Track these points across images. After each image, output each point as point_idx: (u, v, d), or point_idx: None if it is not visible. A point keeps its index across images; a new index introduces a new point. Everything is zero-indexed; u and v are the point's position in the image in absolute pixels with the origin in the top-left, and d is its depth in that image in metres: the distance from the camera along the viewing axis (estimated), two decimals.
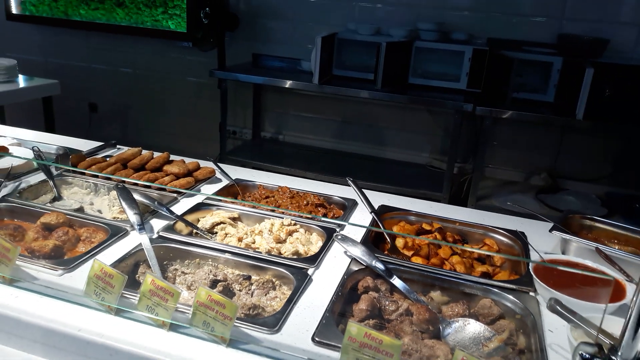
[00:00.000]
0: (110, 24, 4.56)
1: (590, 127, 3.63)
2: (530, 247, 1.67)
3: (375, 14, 4.04)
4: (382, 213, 1.93)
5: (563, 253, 1.65)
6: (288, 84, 3.86)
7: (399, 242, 1.80)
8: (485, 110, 3.40)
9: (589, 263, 1.48)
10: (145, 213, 1.80)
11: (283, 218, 1.81)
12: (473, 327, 1.34)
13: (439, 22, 3.80)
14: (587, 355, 0.92)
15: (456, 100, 3.51)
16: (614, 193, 3.79)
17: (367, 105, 4.20)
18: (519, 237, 1.75)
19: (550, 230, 1.64)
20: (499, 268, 1.67)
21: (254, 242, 1.71)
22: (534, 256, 1.60)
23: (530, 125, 3.87)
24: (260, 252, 1.62)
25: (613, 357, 0.90)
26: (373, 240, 1.79)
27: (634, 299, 0.88)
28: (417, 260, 1.66)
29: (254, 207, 1.92)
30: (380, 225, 1.81)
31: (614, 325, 1.14)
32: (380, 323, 1.38)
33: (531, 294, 1.44)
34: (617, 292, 1.35)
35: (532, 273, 1.44)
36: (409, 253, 1.73)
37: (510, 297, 1.43)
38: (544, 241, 1.71)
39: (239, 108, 4.60)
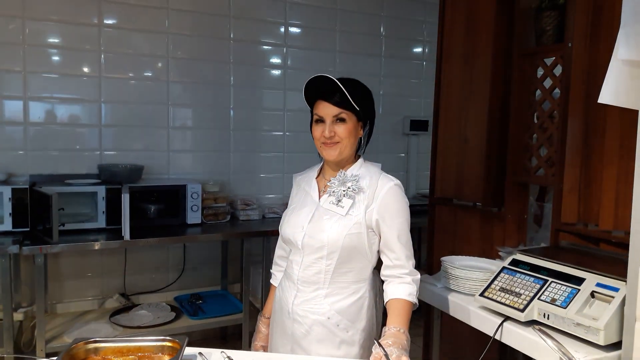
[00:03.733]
0: None
1: (151, 244, 3.99)
2: None
3: None
4: None
5: None
6: None
7: None
8: (35, 248, 3.31)
9: None
10: None
11: None
12: None
13: None
14: None
15: (1, 243, 3.30)
16: (181, 296, 4.24)
17: None
18: None
19: None
20: None
21: None
22: None
23: (91, 252, 3.99)
24: None
25: None
26: None
27: None
28: None
29: None
30: None
31: None
32: None
33: None
34: None
35: None
36: None
37: None
38: None
39: None
